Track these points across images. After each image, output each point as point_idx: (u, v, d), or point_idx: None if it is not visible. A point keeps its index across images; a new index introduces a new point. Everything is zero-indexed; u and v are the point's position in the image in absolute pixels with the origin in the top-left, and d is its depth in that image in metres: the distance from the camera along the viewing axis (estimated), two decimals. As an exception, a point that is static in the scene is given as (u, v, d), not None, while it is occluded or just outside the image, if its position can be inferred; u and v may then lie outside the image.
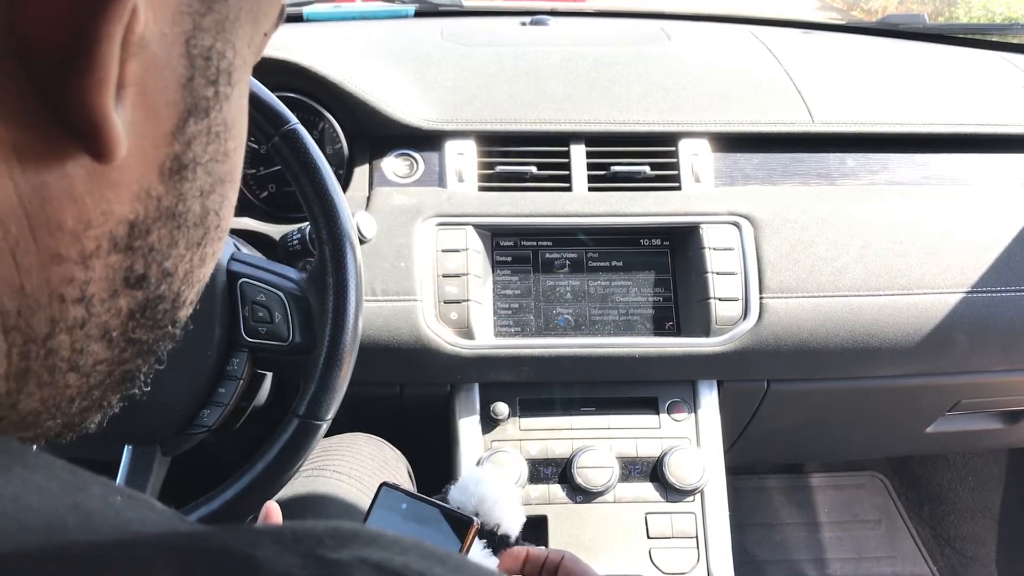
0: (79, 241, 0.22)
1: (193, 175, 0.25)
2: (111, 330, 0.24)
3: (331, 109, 0.98)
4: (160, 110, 0.22)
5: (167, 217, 0.24)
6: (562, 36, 1.27)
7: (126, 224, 0.23)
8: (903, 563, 1.65)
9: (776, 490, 1.73)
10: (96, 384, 0.25)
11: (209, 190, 0.26)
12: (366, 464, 0.92)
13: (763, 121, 1.02)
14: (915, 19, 1.42)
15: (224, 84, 0.24)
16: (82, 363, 0.24)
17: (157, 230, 0.24)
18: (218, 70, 0.24)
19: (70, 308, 0.22)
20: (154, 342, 0.27)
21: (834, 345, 0.95)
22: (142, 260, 0.24)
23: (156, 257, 0.25)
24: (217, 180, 0.26)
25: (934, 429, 1.19)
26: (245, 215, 0.99)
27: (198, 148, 0.24)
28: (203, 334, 0.70)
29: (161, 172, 0.23)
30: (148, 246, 0.24)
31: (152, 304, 0.26)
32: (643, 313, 0.97)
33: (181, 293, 0.27)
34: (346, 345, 0.69)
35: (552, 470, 0.95)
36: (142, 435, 0.73)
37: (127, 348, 0.26)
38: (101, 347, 0.24)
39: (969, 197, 1.02)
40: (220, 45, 0.24)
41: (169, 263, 0.25)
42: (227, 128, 0.26)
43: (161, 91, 0.22)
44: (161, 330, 0.27)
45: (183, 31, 0.22)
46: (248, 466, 0.70)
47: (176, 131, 0.23)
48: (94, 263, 0.22)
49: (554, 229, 0.97)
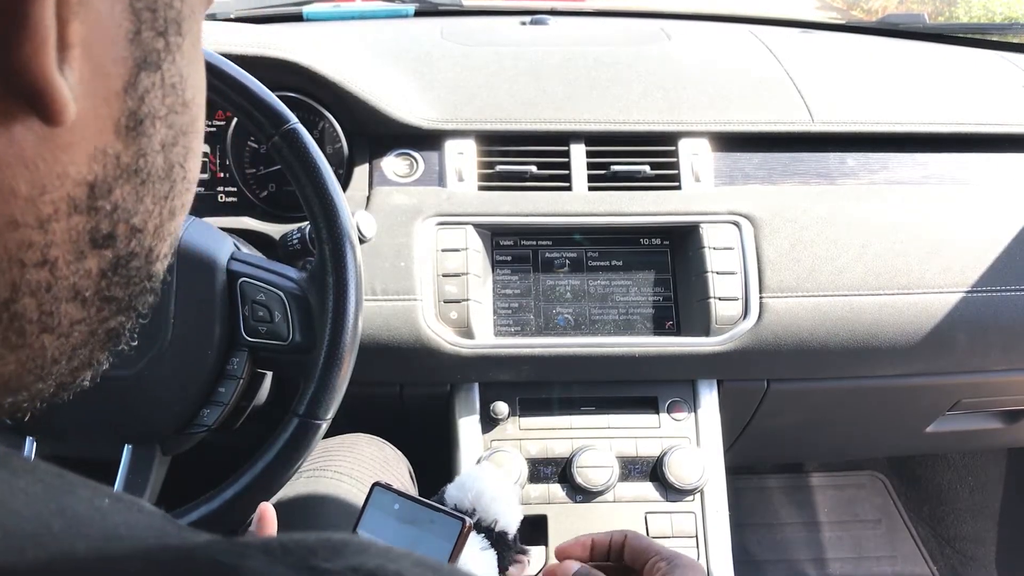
0: (35, 206, 0.21)
1: (152, 129, 0.24)
2: (82, 291, 0.24)
3: (331, 108, 0.98)
4: (108, 67, 0.22)
5: (129, 174, 0.24)
6: (562, 36, 1.27)
7: (85, 186, 0.23)
8: (903, 563, 1.65)
9: (776, 490, 1.73)
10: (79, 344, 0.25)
11: (171, 143, 0.26)
12: (367, 465, 0.92)
13: (763, 121, 1.02)
14: (915, 19, 1.42)
15: (174, 34, 0.24)
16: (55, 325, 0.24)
17: (120, 188, 0.24)
18: (166, 20, 0.23)
19: (31, 272, 0.22)
20: (132, 298, 0.27)
21: (834, 344, 0.95)
22: (107, 219, 0.24)
23: (122, 215, 0.24)
24: (179, 132, 0.26)
25: (934, 429, 1.19)
26: (245, 214, 0.99)
27: (154, 101, 0.24)
28: (203, 333, 0.70)
29: (117, 129, 0.23)
30: (112, 205, 0.24)
31: (124, 262, 0.26)
32: (643, 312, 0.97)
33: (153, 248, 0.27)
34: (346, 344, 0.69)
35: (552, 469, 0.95)
36: (142, 435, 0.73)
37: (104, 307, 0.26)
38: (74, 308, 0.24)
39: (969, 197, 1.02)
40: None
41: (137, 219, 0.25)
42: (183, 79, 0.25)
43: (107, 48, 0.22)
44: (137, 286, 0.27)
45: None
46: (248, 465, 0.70)
47: (128, 87, 0.23)
48: (52, 227, 0.22)
49: (554, 228, 0.97)
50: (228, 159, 0.99)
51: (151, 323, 0.69)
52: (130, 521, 0.21)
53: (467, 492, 0.74)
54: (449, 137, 1.00)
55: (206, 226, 0.75)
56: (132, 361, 0.69)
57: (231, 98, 0.69)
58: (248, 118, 0.70)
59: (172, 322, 0.69)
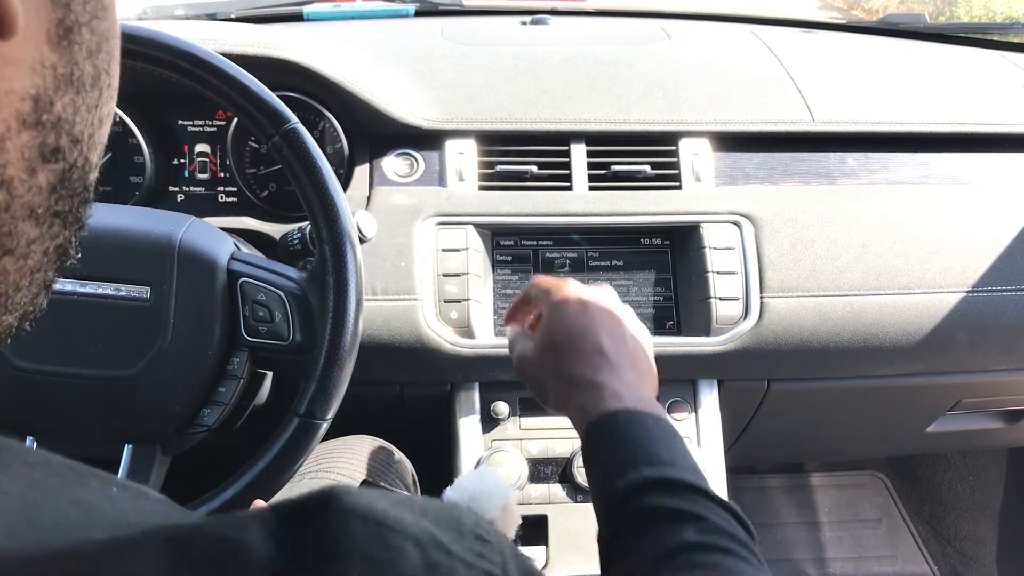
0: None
1: (79, 36, 0.25)
2: (36, 207, 0.25)
3: (331, 108, 0.98)
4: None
5: (66, 85, 0.25)
6: (562, 35, 1.27)
7: (30, 100, 0.23)
8: (903, 562, 1.65)
9: (777, 489, 1.73)
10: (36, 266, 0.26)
11: (96, 49, 0.26)
12: (369, 466, 0.92)
13: (763, 120, 1.02)
14: (916, 18, 1.42)
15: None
16: (14, 246, 0.24)
17: (59, 99, 0.25)
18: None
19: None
20: (75, 209, 0.28)
21: (835, 344, 0.95)
22: (53, 132, 0.25)
23: (64, 127, 0.25)
24: (102, 38, 0.27)
25: (935, 428, 1.19)
26: (245, 214, 0.99)
27: (77, 7, 0.25)
28: (203, 333, 0.70)
29: (49, 39, 0.24)
30: (55, 118, 0.24)
31: (68, 174, 0.26)
32: (644, 312, 0.97)
33: (89, 157, 0.28)
34: (346, 344, 0.69)
35: (552, 469, 0.95)
36: (142, 434, 0.73)
37: (54, 222, 0.26)
38: (30, 226, 0.25)
39: (970, 196, 1.02)
40: None
41: (76, 130, 0.26)
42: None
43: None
44: (78, 196, 0.28)
45: None
46: (248, 465, 0.70)
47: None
48: (7, 145, 0.23)
49: (554, 228, 0.97)
50: (228, 159, 0.99)
51: (151, 323, 0.69)
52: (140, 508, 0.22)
53: (463, 493, 0.74)
54: (449, 137, 1.00)
55: (206, 226, 0.76)
56: (132, 361, 0.69)
57: (231, 98, 0.69)
58: (248, 118, 0.70)
59: (172, 322, 0.69)
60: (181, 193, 1.01)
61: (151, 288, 0.69)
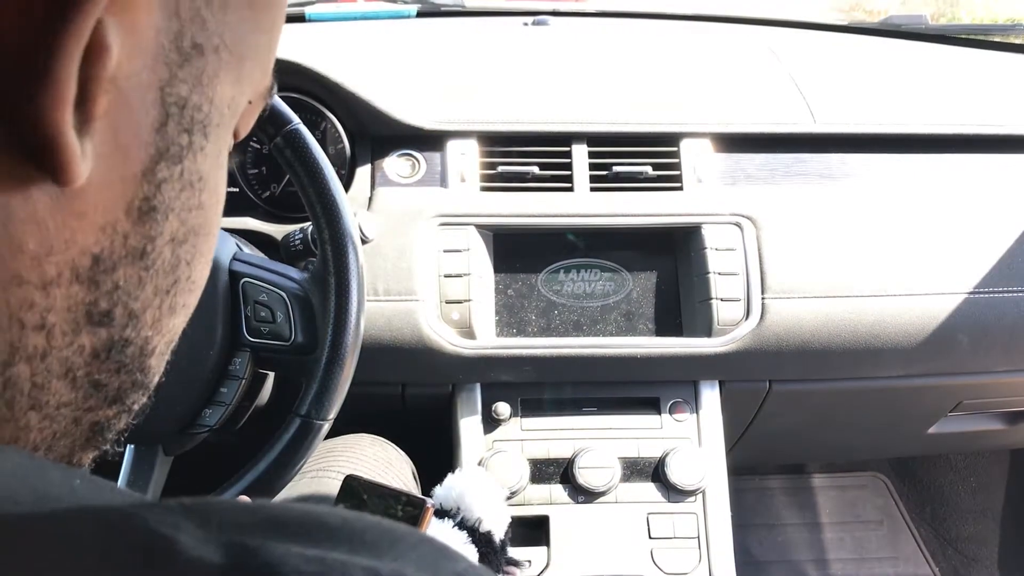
0: (40, 265, 0.22)
1: (164, 219, 0.25)
2: (74, 368, 0.24)
3: (333, 109, 0.98)
4: (130, 149, 0.23)
5: (134, 257, 0.25)
6: (564, 36, 1.27)
7: (90, 256, 0.23)
8: (905, 564, 1.65)
9: (778, 491, 1.73)
10: (61, 432, 0.25)
11: (182, 239, 0.26)
12: (370, 465, 0.92)
13: (765, 122, 1.02)
14: (917, 20, 1.42)
15: (199, 135, 0.25)
16: (44, 400, 0.24)
17: (123, 268, 0.24)
18: (192, 120, 0.25)
19: (30, 335, 0.22)
20: (121, 389, 0.27)
21: (836, 346, 0.95)
22: (107, 297, 0.24)
23: (122, 296, 0.25)
24: (190, 231, 0.27)
25: (936, 430, 1.19)
26: (247, 215, 0.99)
27: (169, 193, 0.25)
28: (205, 334, 0.71)
29: (129, 210, 0.24)
30: (113, 283, 0.24)
31: (118, 346, 0.26)
32: (645, 313, 0.97)
33: (150, 340, 0.27)
34: (348, 345, 0.69)
35: (554, 470, 0.95)
36: (144, 435, 0.73)
37: (92, 393, 0.26)
38: (64, 386, 0.24)
39: (971, 198, 1.02)
40: (196, 98, 0.24)
41: (137, 305, 0.26)
42: (202, 180, 0.26)
43: (132, 130, 0.23)
44: (128, 376, 0.27)
45: (158, 77, 0.23)
46: (250, 465, 0.70)
47: (146, 172, 0.24)
48: (54, 291, 0.23)
49: (556, 229, 0.97)
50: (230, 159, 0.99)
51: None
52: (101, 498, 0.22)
53: (451, 491, 0.75)
54: (451, 138, 1.00)
55: (208, 226, 0.75)
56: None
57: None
58: (250, 118, 0.70)
59: (174, 322, 0.69)
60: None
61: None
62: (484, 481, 0.79)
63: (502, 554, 0.77)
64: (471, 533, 0.74)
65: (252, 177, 1.00)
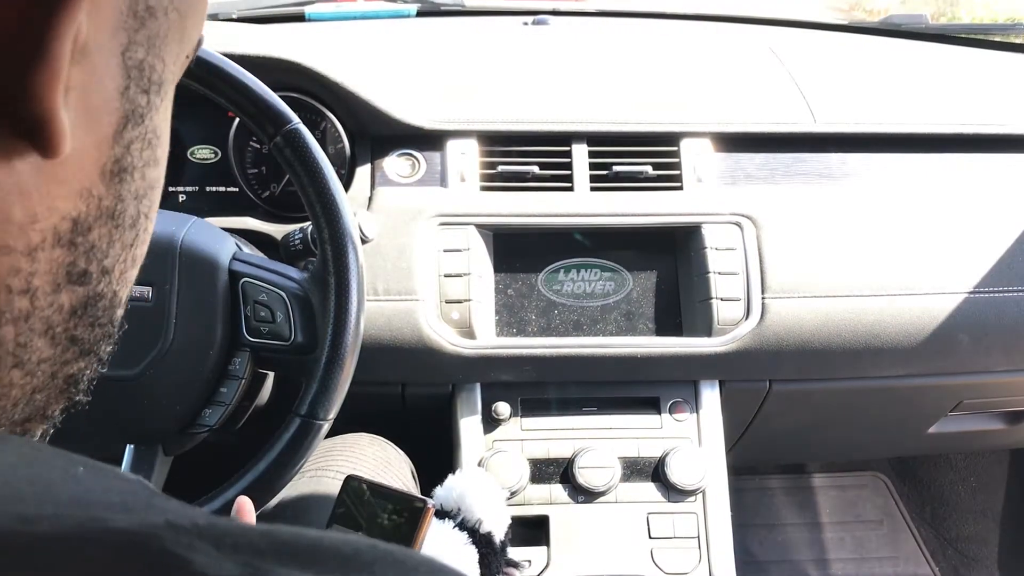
0: (26, 233, 0.23)
1: (130, 178, 0.26)
2: (54, 326, 0.25)
3: (333, 109, 0.98)
4: (101, 115, 0.24)
5: (107, 217, 0.26)
6: (564, 36, 1.27)
7: (69, 220, 0.24)
8: (905, 564, 1.65)
9: (778, 490, 1.73)
10: (39, 386, 0.26)
11: (143, 194, 0.28)
12: (369, 465, 0.92)
13: (765, 121, 1.02)
14: (917, 19, 1.42)
15: (155, 95, 0.26)
16: (26, 358, 0.25)
17: (97, 229, 0.26)
18: (149, 81, 0.26)
19: (16, 299, 0.23)
20: (95, 341, 0.28)
21: (836, 346, 0.95)
22: (84, 256, 0.25)
23: (97, 255, 0.26)
24: (149, 185, 0.28)
25: (936, 430, 1.19)
26: (247, 215, 0.99)
27: (135, 152, 0.26)
28: (205, 334, 0.71)
29: (103, 173, 0.25)
30: (89, 244, 0.26)
31: (92, 301, 0.27)
32: (645, 313, 0.97)
33: (118, 292, 0.29)
34: (348, 345, 0.69)
35: (554, 470, 0.95)
36: (144, 435, 0.73)
37: (69, 347, 0.27)
38: (44, 343, 0.25)
39: (971, 198, 1.02)
40: (151, 59, 0.26)
41: (108, 261, 0.27)
42: (157, 136, 0.28)
43: (102, 97, 0.24)
44: (101, 328, 0.28)
45: (119, 43, 0.24)
46: (249, 465, 0.70)
47: (116, 135, 0.25)
48: (39, 255, 0.24)
49: (556, 229, 0.97)
50: (230, 159, 0.99)
51: (153, 324, 0.69)
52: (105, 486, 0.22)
53: (452, 492, 0.75)
54: (451, 137, 1.00)
55: (208, 226, 0.76)
56: (134, 361, 0.69)
57: (233, 98, 0.69)
58: (250, 118, 0.70)
59: (174, 322, 0.69)
60: (183, 193, 1.01)
61: (153, 288, 0.69)
62: (485, 482, 0.79)
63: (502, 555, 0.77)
64: (471, 534, 0.74)
65: (252, 177, 1.00)
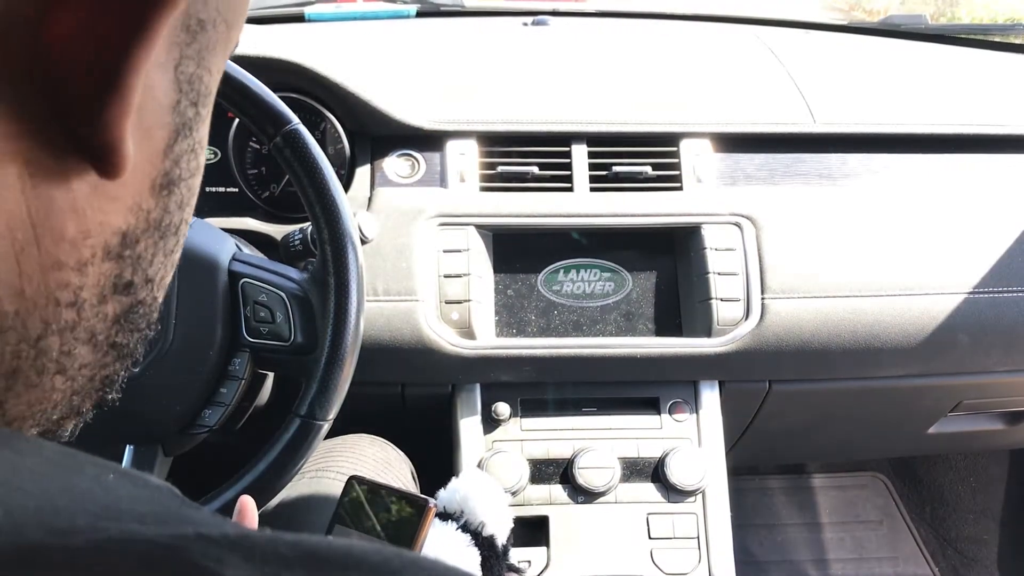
0: (77, 249, 0.23)
1: (178, 190, 0.27)
2: (97, 334, 0.26)
3: (333, 109, 0.98)
4: (155, 131, 0.24)
5: (154, 229, 0.26)
6: (563, 36, 1.27)
7: (119, 235, 0.25)
8: (904, 564, 1.65)
9: (778, 491, 1.73)
10: (78, 389, 0.26)
11: (186, 204, 0.28)
12: (369, 465, 0.92)
13: (764, 121, 1.02)
14: (917, 19, 1.42)
15: (203, 106, 0.27)
16: (68, 366, 0.25)
17: (144, 240, 0.26)
18: (198, 94, 0.26)
19: (63, 311, 0.24)
20: (133, 345, 0.29)
21: (836, 346, 0.95)
22: (130, 268, 0.26)
23: (142, 265, 0.26)
24: (192, 193, 0.28)
25: (936, 430, 1.19)
26: (247, 215, 0.99)
27: (183, 165, 0.27)
28: (205, 334, 0.71)
29: (152, 187, 0.25)
30: (136, 255, 0.26)
31: (134, 309, 0.27)
32: (644, 313, 0.97)
33: (157, 298, 0.29)
34: (347, 345, 0.69)
35: (553, 470, 0.95)
36: (143, 435, 0.73)
37: (109, 352, 0.27)
38: (87, 350, 0.26)
39: (971, 198, 1.02)
40: (200, 71, 0.26)
41: (151, 270, 0.27)
42: (201, 146, 0.28)
43: (156, 114, 0.24)
44: (139, 333, 0.29)
45: (173, 59, 0.24)
46: (249, 466, 0.70)
47: (167, 149, 0.25)
48: (89, 270, 0.24)
49: (556, 229, 0.97)
50: (230, 159, 0.99)
51: (153, 324, 0.69)
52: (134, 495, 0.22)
53: (455, 495, 0.75)
54: (451, 138, 1.00)
55: (208, 227, 0.76)
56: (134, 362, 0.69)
57: (233, 99, 0.69)
58: (250, 119, 0.70)
59: (174, 323, 0.69)
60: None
61: (152, 289, 0.69)
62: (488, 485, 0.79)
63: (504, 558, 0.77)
64: (474, 537, 0.74)
65: (252, 177, 1.00)
